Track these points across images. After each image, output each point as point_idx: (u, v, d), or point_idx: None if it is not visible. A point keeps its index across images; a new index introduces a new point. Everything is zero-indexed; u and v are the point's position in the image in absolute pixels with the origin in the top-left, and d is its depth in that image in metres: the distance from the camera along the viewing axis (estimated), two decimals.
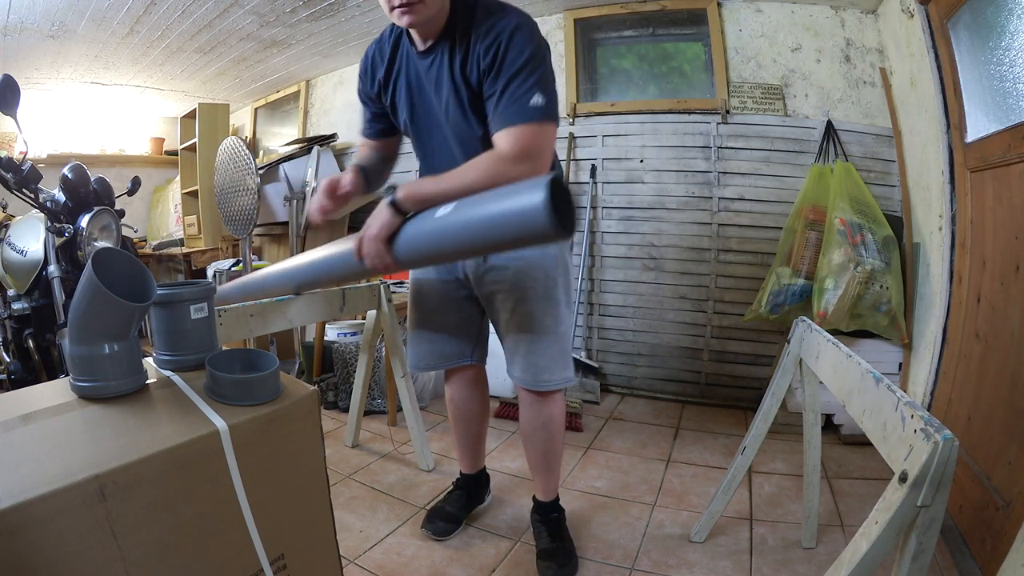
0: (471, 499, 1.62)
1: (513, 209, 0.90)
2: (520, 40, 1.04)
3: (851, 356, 1.00)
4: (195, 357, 0.86)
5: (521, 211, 0.88)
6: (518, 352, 1.33)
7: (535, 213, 0.86)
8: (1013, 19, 1.45)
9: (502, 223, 0.91)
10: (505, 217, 0.91)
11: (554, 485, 1.48)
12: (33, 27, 2.66)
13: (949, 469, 0.67)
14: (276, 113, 4.09)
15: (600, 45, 2.85)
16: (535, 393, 1.35)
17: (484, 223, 0.94)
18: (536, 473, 1.47)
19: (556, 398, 1.39)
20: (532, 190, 0.88)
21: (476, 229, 0.95)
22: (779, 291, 2.18)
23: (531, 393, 1.36)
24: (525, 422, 1.41)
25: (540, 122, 1.03)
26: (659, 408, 2.57)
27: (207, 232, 3.85)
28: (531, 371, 1.32)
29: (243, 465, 0.71)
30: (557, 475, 1.48)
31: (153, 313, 0.85)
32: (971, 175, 1.66)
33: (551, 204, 0.85)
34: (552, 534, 1.43)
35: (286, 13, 2.68)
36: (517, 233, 0.91)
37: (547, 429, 1.39)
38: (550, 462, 1.44)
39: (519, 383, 1.35)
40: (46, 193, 1.95)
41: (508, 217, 0.90)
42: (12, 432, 0.66)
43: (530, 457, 1.46)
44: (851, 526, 1.54)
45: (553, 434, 1.40)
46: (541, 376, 1.32)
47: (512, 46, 1.03)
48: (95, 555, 0.59)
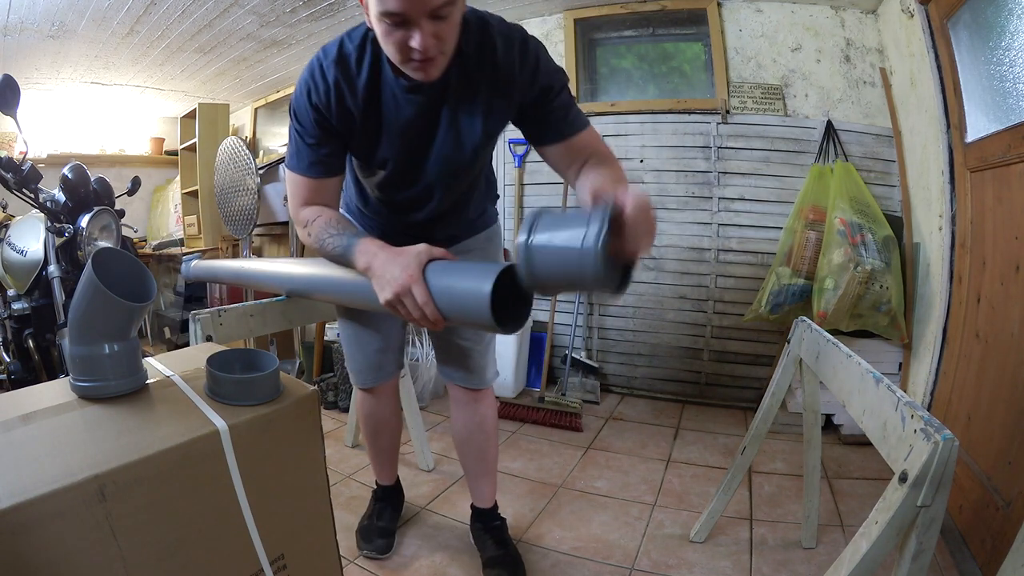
0: (396, 509, 1.60)
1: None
2: (546, 54, 1.03)
3: (851, 356, 1.00)
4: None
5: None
6: (455, 351, 1.30)
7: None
8: (1013, 19, 1.45)
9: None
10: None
11: (492, 490, 1.46)
12: (33, 27, 2.66)
13: (949, 469, 0.67)
14: (276, 113, 4.09)
15: (600, 45, 2.85)
16: (471, 391, 1.34)
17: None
18: (473, 479, 1.44)
19: (490, 397, 1.38)
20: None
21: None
22: (779, 291, 2.18)
23: (467, 392, 1.34)
24: (460, 425, 1.39)
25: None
26: (659, 408, 2.57)
27: (207, 232, 3.85)
28: (469, 369, 1.31)
29: (243, 465, 0.71)
30: (495, 479, 1.46)
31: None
32: (971, 175, 1.66)
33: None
34: (498, 541, 1.41)
35: (286, 13, 2.68)
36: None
37: (483, 430, 1.38)
38: (488, 466, 1.42)
39: (457, 382, 1.34)
40: (46, 193, 1.95)
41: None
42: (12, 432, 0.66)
43: (466, 463, 1.44)
44: (851, 526, 1.54)
45: (489, 435, 1.39)
46: (480, 374, 1.32)
47: (549, 62, 1.02)
48: (95, 555, 0.59)
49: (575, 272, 0.69)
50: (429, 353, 2.59)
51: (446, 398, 2.67)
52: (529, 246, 0.73)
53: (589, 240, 0.67)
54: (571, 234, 0.69)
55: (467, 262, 0.98)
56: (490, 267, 0.81)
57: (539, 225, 0.74)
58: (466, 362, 1.31)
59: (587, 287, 0.71)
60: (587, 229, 0.67)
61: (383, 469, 1.57)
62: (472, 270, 0.85)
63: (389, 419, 1.47)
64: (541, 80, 1.00)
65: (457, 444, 1.43)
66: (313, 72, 1.01)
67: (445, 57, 0.91)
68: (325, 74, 1.00)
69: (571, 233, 0.69)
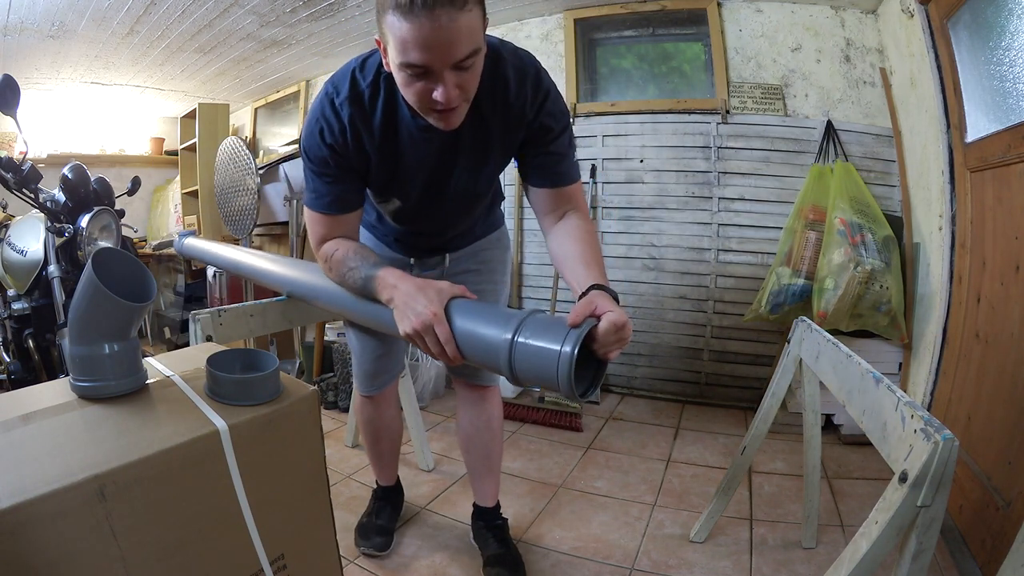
0: (396, 509, 1.60)
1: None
2: (556, 93, 1.02)
3: (851, 356, 1.00)
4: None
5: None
6: None
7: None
8: (1013, 19, 1.45)
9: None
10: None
11: (496, 490, 1.46)
12: (33, 27, 2.66)
13: (949, 469, 0.67)
14: (276, 113, 4.09)
15: (600, 45, 2.85)
16: (479, 389, 1.35)
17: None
18: (477, 478, 1.44)
19: (497, 395, 1.39)
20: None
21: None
22: (779, 291, 2.18)
23: (475, 390, 1.35)
24: (467, 423, 1.39)
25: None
26: (659, 408, 2.57)
27: (207, 232, 3.84)
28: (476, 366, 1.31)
29: (243, 465, 0.71)
30: (498, 479, 1.46)
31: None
32: (971, 175, 1.66)
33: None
34: (499, 540, 1.41)
35: (286, 13, 2.68)
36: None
37: (489, 429, 1.39)
38: (492, 465, 1.43)
39: (467, 379, 1.34)
40: (46, 193, 1.95)
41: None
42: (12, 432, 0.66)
43: (471, 461, 1.44)
44: (851, 526, 1.54)
45: (495, 434, 1.40)
46: (487, 371, 1.32)
47: (557, 102, 1.02)
48: (95, 555, 0.59)
49: (550, 374, 0.77)
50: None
51: (446, 398, 2.68)
52: (515, 342, 0.80)
53: (565, 351, 0.76)
54: (552, 339, 0.78)
55: (491, 306, 0.94)
56: (556, 327, 0.80)
57: (526, 325, 0.81)
58: None
59: (557, 388, 0.78)
60: (563, 341, 0.76)
61: (383, 471, 1.58)
62: (504, 318, 0.85)
63: (389, 424, 1.47)
64: (543, 119, 1.00)
65: (462, 442, 1.43)
66: (325, 111, 0.97)
67: (467, 104, 0.89)
68: (339, 113, 0.96)
69: (552, 338, 0.78)
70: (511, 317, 0.84)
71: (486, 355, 0.84)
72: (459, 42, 0.79)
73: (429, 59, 0.79)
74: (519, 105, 0.98)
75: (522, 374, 0.81)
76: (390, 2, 0.78)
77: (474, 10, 0.80)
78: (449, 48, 0.79)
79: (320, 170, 1.00)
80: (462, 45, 0.80)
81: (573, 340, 0.76)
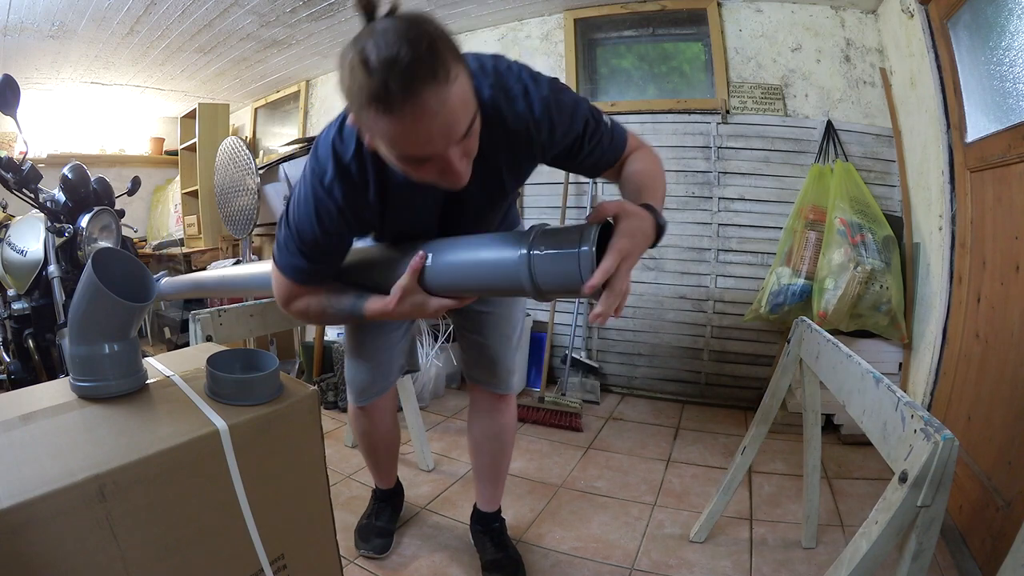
0: (396, 510, 1.59)
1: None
2: (556, 98, 0.89)
3: (851, 356, 1.00)
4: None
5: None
6: (491, 355, 1.27)
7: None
8: (1013, 19, 1.45)
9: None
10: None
11: (499, 496, 1.45)
12: (33, 27, 2.66)
13: (949, 469, 0.67)
14: (276, 113, 4.09)
15: (600, 45, 2.85)
16: (496, 397, 1.32)
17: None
18: (481, 483, 1.42)
19: (512, 406, 1.37)
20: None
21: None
22: (779, 291, 2.18)
23: (491, 398, 1.32)
24: (478, 431, 1.37)
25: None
26: (659, 408, 2.57)
27: (207, 232, 3.85)
28: (502, 375, 1.30)
29: (243, 465, 0.71)
30: (503, 486, 1.45)
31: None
32: (971, 175, 1.66)
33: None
34: (497, 544, 1.41)
35: (286, 13, 2.68)
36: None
37: (500, 440, 1.37)
38: (499, 473, 1.41)
39: (485, 386, 1.31)
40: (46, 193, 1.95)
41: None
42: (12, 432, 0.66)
43: (477, 466, 1.41)
44: (851, 526, 1.54)
45: (505, 446, 1.38)
46: (509, 379, 1.31)
47: (562, 110, 0.89)
48: (95, 555, 0.59)
49: (572, 273, 0.77)
50: (430, 353, 2.59)
51: (446, 398, 2.68)
52: (531, 255, 0.80)
53: (583, 251, 0.75)
54: (567, 244, 0.78)
55: (478, 236, 0.94)
56: (567, 232, 0.81)
57: (537, 238, 0.81)
58: (494, 367, 1.30)
59: (579, 288, 0.78)
60: (580, 239, 0.76)
61: (381, 477, 1.56)
62: (495, 242, 0.87)
63: (384, 435, 1.44)
64: (567, 139, 0.92)
65: (472, 447, 1.42)
66: (317, 192, 0.89)
67: (471, 165, 0.80)
68: (331, 194, 0.88)
69: (568, 243, 0.78)
70: (518, 236, 0.84)
71: (498, 279, 0.85)
72: (457, 120, 0.70)
73: (429, 150, 0.71)
74: (521, 127, 0.87)
75: (545, 284, 0.81)
76: (363, 97, 0.67)
77: (460, 74, 0.69)
78: (448, 131, 0.70)
79: (307, 249, 0.93)
80: (460, 121, 0.71)
81: (589, 239, 0.75)
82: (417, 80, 0.65)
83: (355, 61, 0.67)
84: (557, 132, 0.89)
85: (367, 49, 0.66)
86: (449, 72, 0.67)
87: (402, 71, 0.65)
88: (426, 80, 0.66)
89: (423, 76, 0.65)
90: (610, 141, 0.97)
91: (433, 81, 0.66)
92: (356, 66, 0.67)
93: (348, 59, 0.68)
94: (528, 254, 0.80)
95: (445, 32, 0.71)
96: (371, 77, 0.65)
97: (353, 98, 0.69)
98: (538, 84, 0.87)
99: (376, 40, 0.66)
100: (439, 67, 0.66)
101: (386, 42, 0.65)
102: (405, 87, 0.65)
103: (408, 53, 0.65)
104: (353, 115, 0.73)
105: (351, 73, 0.68)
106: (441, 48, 0.67)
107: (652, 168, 0.98)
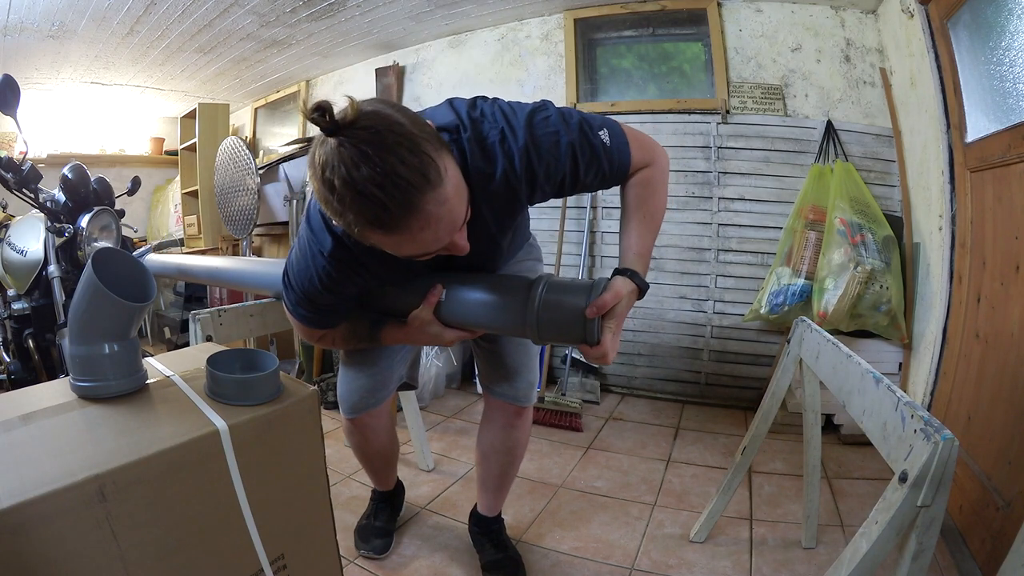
0: (395, 510, 1.58)
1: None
2: (535, 143, 0.85)
3: (851, 356, 1.00)
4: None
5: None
6: (514, 367, 1.24)
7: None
8: (1013, 19, 1.45)
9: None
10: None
11: (501, 503, 1.43)
12: (33, 27, 2.66)
13: (949, 469, 0.67)
14: (276, 113, 4.09)
15: (600, 45, 2.85)
16: (513, 409, 1.28)
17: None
18: (485, 490, 1.40)
19: (528, 418, 1.32)
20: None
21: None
22: (779, 291, 2.18)
23: (511, 410, 1.28)
24: (487, 443, 1.34)
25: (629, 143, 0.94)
26: (659, 408, 2.57)
27: (207, 232, 3.85)
28: (523, 387, 1.27)
29: (243, 465, 0.71)
30: (506, 495, 1.44)
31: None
32: (971, 175, 1.66)
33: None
34: (496, 544, 1.40)
35: (286, 13, 2.68)
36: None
37: (512, 453, 1.34)
38: (504, 484, 1.40)
39: (503, 399, 1.27)
40: (46, 193, 1.94)
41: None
42: (12, 432, 0.66)
43: (483, 474, 1.38)
44: (851, 526, 1.54)
45: (515, 459, 1.36)
46: (530, 391, 1.29)
47: (543, 157, 0.85)
48: (95, 555, 0.59)
49: (576, 334, 0.87)
50: (430, 353, 2.59)
51: (446, 398, 2.68)
52: (539, 314, 0.88)
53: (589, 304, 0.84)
54: (575, 298, 0.87)
55: (491, 276, 0.99)
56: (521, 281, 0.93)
57: (548, 287, 0.89)
58: (514, 379, 1.26)
59: (575, 338, 0.87)
60: (588, 296, 0.85)
61: (379, 482, 1.54)
62: (507, 285, 0.95)
63: (379, 450, 1.41)
64: (554, 180, 0.88)
65: (479, 456, 1.38)
66: (317, 261, 0.90)
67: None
68: (330, 264, 0.90)
69: (575, 297, 0.87)
70: (527, 286, 0.91)
71: (504, 320, 0.93)
72: (458, 212, 0.71)
73: (436, 247, 0.73)
74: (503, 184, 0.86)
75: (546, 337, 0.90)
76: (362, 222, 0.66)
77: (447, 163, 0.68)
78: (452, 226, 0.71)
79: (311, 306, 0.98)
80: (460, 210, 0.71)
81: (598, 294, 0.85)
82: (414, 191, 0.64)
83: (341, 186, 0.64)
84: (539, 177, 0.86)
85: (351, 171, 0.63)
86: (439, 169, 0.66)
87: (397, 188, 0.63)
88: (423, 189, 0.64)
89: (419, 185, 0.64)
90: (609, 165, 0.91)
91: (429, 187, 0.65)
92: (344, 191, 0.64)
93: (328, 179, 0.64)
94: (536, 312, 0.87)
95: (415, 118, 0.68)
96: (366, 200, 0.63)
97: (347, 222, 0.68)
98: (515, 132, 0.83)
99: (355, 159, 0.63)
100: (430, 170, 0.65)
101: (371, 160, 0.62)
102: (405, 204, 0.64)
103: (398, 166, 0.63)
104: (346, 228, 0.70)
105: (339, 199, 0.65)
106: (424, 146, 0.65)
107: (646, 196, 0.95)
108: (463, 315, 0.96)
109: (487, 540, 1.41)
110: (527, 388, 1.28)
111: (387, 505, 1.56)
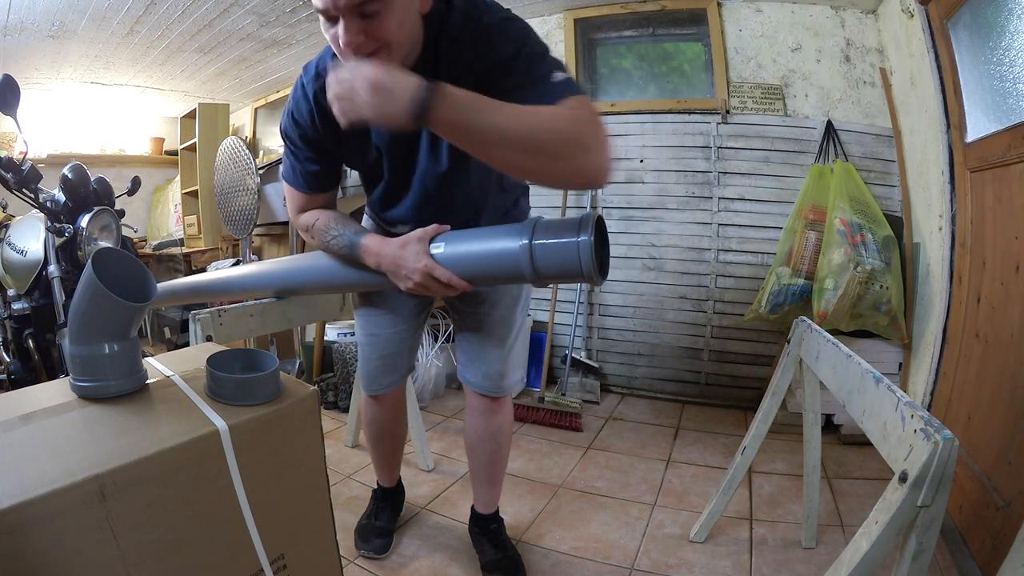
0: (395, 510, 1.59)
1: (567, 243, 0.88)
2: (508, 24, 0.89)
3: (851, 356, 1.00)
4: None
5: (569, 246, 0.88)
6: (483, 357, 1.28)
7: (581, 250, 0.86)
8: (1013, 19, 1.45)
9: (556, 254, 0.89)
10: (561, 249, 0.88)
11: (496, 498, 1.44)
12: (33, 27, 2.66)
13: (949, 469, 0.67)
14: (276, 113, 4.09)
15: (600, 45, 2.85)
16: (491, 399, 1.31)
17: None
18: (478, 484, 1.42)
19: (508, 407, 1.36)
20: (581, 229, 0.87)
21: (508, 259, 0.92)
22: (779, 291, 2.18)
23: (486, 399, 1.31)
24: (472, 432, 1.36)
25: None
26: (659, 408, 2.57)
27: (207, 232, 3.85)
28: (493, 377, 1.29)
29: (243, 465, 0.71)
30: (500, 488, 1.44)
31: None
32: (971, 175, 1.66)
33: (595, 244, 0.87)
34: (495, 545, 1.40)
35: (286, 13, 2.68)
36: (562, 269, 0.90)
37: (495, 441, 1.36)
38: (495, 474, 1.41)
39: (477, 388, 1.30)
40: (46, 193, 1.94)
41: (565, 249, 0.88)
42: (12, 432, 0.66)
43: (474, 467, 1.41)
44: (851, 526, 1.54)
45: (501, 446, 1.37)
46: (500, 382, 1.30)
47: (507, 31, 0.88)
48: (95, 555, 0.58)
49: (572, 262, 0.87)
50: (430, 353, 2.59)
51: (446, 398, 2.68)
52: (533, 244, 0.89)
53: (583, 240, 0.86)
54: (567, 234, 0.88)
55: (483, 229, 0.99)
56: (565, 224, 0.90)
57: (538, 228, 0.90)
58: (485, 369, 1.28)
59: (580, 276, 0.88)
60: (578, 232, 0.87)
61: (384, 472, 1.56)
62: (499, 232, 0.95)
63: (392, 428, 1.46)
64: (492, 56, 0.86)
65: (468, 448, 1.41)
66: (296, 92, 1.03)
67: (390, 53, 0.81)
68: (305, 90, 1.01)
69: (567, 234, 0.88)
70: (520, 227, 0.92)
71: (501, 267, 0.93)
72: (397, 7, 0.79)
73: (325, 3, 0.78)
74: (473, 59, 0.87)
75: (545, 271, 0.90)
76: None
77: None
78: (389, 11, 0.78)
79: (293, 149, 1.07)
80: (402, 14, 0.79)
81: (587, 229, 0.86)
82: None
83: None
84: (492, 53, 0.86)
85: None
86: None
87: None
88: None
89: None
90: (542, 89, 0.83)
91: None
92: None
93: None
94: (530, 243, 0.89)
95: None
96: None
97: None
98: (502, 17, 0.90)
99: None
100: None
101: None
102: None
103: None
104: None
105: None
106: None
107: (557, 118, 0.79)
108: (456, 262, 0.95)
109: (487, 540, 1.42)
110: (497, 379, 1.30)
111: (387, 505, 1.56)
